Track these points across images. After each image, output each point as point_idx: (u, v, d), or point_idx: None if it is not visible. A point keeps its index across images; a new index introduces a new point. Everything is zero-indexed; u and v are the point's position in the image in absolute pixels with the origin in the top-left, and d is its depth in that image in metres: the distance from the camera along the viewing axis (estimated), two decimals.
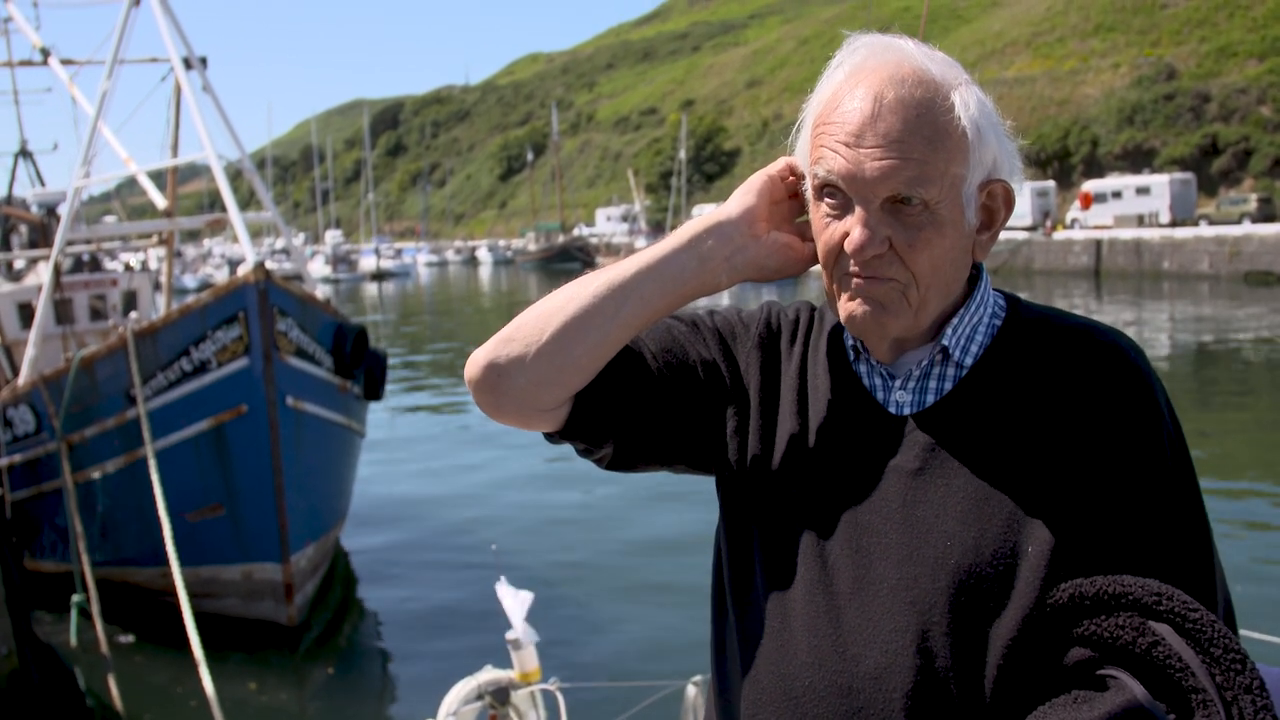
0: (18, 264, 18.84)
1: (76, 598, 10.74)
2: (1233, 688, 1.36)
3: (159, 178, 15.79)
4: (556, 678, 4.82)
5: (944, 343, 1.63)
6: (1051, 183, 63.69)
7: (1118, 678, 1.41)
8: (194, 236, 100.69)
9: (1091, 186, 58.64)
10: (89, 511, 11.45)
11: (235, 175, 12.71)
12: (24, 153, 23.76)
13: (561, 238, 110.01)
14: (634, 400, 1.74)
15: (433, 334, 44.57)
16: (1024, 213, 56.70)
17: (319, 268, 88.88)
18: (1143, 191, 55.23)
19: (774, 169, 1.74)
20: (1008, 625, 1.49)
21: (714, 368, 1.79)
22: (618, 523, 13.80)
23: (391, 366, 16.89)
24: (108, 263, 19.46)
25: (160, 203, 15.11)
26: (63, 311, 14.98)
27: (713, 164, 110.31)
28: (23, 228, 19.26)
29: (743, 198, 1.72)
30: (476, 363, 1.72)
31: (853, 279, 1.58)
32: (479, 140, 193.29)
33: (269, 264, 10.62)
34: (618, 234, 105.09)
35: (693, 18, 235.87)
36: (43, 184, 23.19)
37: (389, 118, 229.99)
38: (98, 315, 16.65)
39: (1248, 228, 47.51)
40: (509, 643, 4.75)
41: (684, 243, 1.70)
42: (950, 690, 1.49)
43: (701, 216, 1.72)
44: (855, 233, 1.54)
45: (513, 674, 4.82)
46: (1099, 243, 51.08)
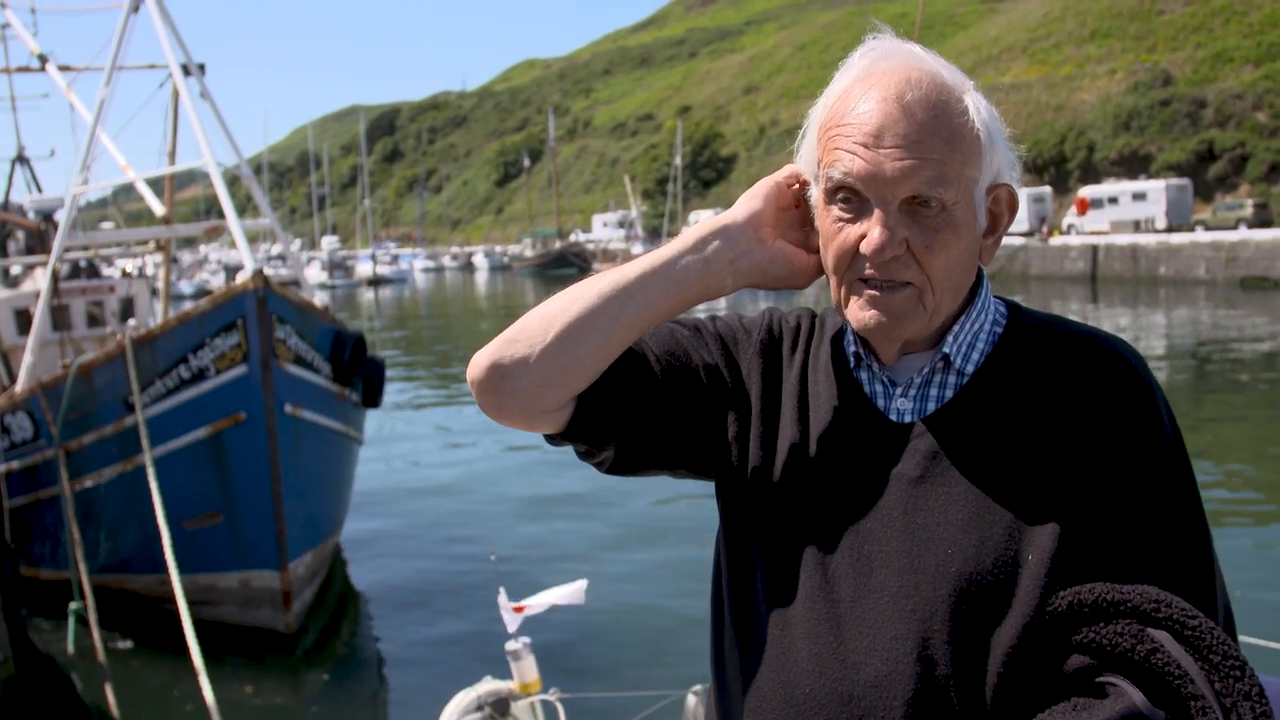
0: (14, 270, 18.83)
1: (74, 605, 10.71)
2: (1232, 694, 1.37)
3: (157, 184, 15.78)
4: (556, 688, 4.82)
5: (945, 350, 1.64)
6: (1048, 188, 63.77)
7: (1117, 685, 1.41)
8: (190, 242, 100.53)
9: (1088, 192, 58.65)
10: (86, 519, 11.42)
11: (232, 181, 12.70)
12: (21, 159, 23.77)
13: (558, 244, 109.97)
14: (637, 402, 1.73)
15: (430, 340, 44.54)
16: (1020, 218, 56.73)
17: (315, 274, 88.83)
18: (1139, 197, 55.28)
19: (780, 176, 1.74)
20: (1008, 633, 1.49)
21: (716, 372, 1.79)
22: (617, 529, 13.78)
23: (389, 375, 16.87)
24: (105, 269, 19.46)
25: (158, 209, 15.08)
26: (60, 318, 14.96)
27: (710, 170, 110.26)
28: (19, 234, 19.26)
29: (749, 203, 1.72)
30: (479, 364, 1.71)
31: (866, 285, 1.58)
32: (476, 146, 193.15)
33: (266, 270, 10.62)
34: (614, 240, 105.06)
35: (690, 24, 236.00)
36: (40, 190, 23.21)
37: (385, 124, 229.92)
38: (95, 322, 16.63)
39: (1244, 233, 47.52)
40: (509, 653, 4.75)
41: (689, 245, 1.69)
42: (951, 698, 1.49)
43: (707, 220, 1.72)
44: (874, 233, 1.54)
45: (512, 685, 4.82)
46: (1095, 248, 51.08)
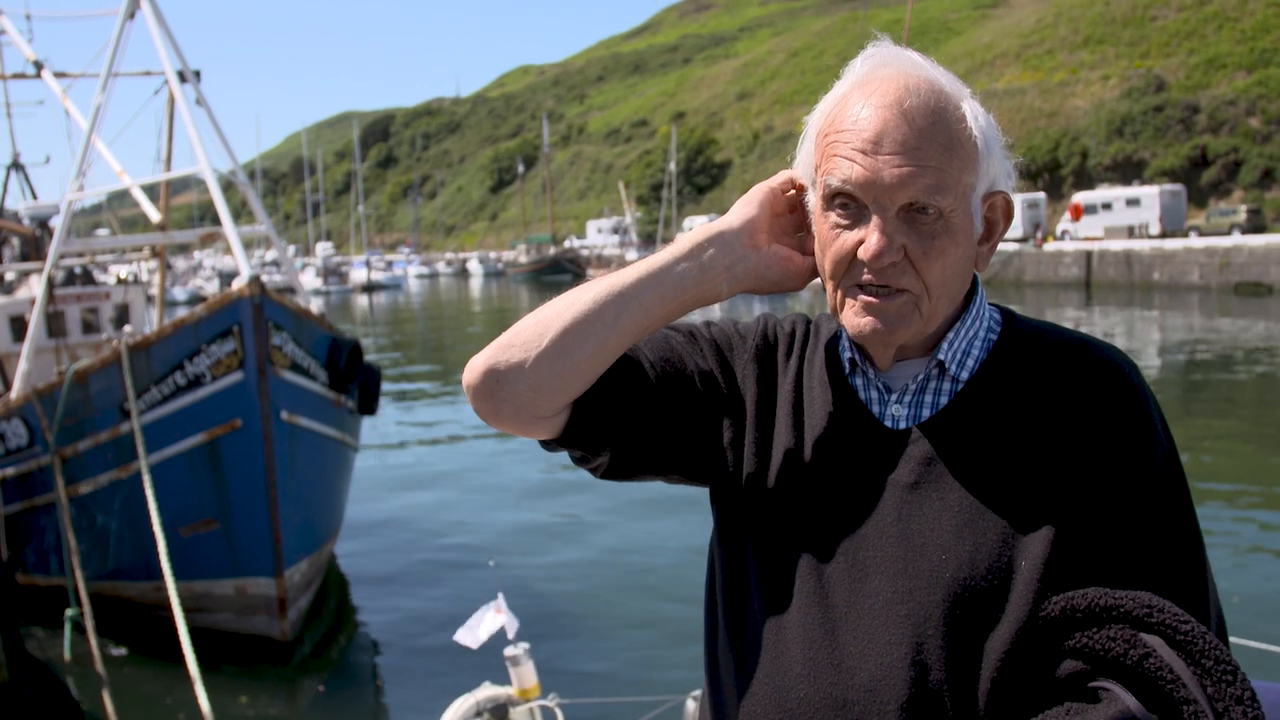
0: (9, 277, 18.80)
1: (70, 612, 10.68)
2: (1224, 699, 1.37)
3: (152, 191, 15.77)
4: (555, 694, 4.83)
5: (940, 357, 1.64)
6: (1042, 194, 63.78)
7: (1110, 690, 1.41)
8: (184, 249, 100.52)
9: (1082, 198, 58.73)
10: (82, 525, 11.41)
11: (227, 187, 12.69)
12: (16, 165, 23.78)
13: (552, 250, 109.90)
14: (632, 408, 1.73)
15: (424, 345, 44.49)
16: (1015, 224, 55.68)
17: (309, 280, 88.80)
18: (1133, 203, 55.36)
19: (775, 182, 1.74)
20: (1002, 638, 1.49)
21: (711, 378, 1.79)
22: (616, 536, 13.77)
23: (387, 384, 16.85)
24: (99, 275, 19.43)
25: (153, 215, 15.07)
26: (55, 325, 14.94)
27: (704, 176, 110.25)
28: (14, 240, 19.24)
29: (744, 209, 1.72)
30: (475, 369, 1.70)
31: (862, 291, 1.58)
32: (470, 152, 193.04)
33: (261, 277, 10.61)
34: (609, 246, 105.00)
35: (683, 30, 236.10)
36: (35, 197, 23.21)
37: (379, 130, 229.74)
38: (90, 328, 16.61)
39: (1237, 239, 47.63)
40: (507, 659, 4.76)
41: (685, 251, 1.69)
42: (945, 703, 1.49)
43: (703, 226, 1.72)
44: (872, 240, 1.54)
45: (511, 690, 4.82)
46: (1089, 254, 51.11)
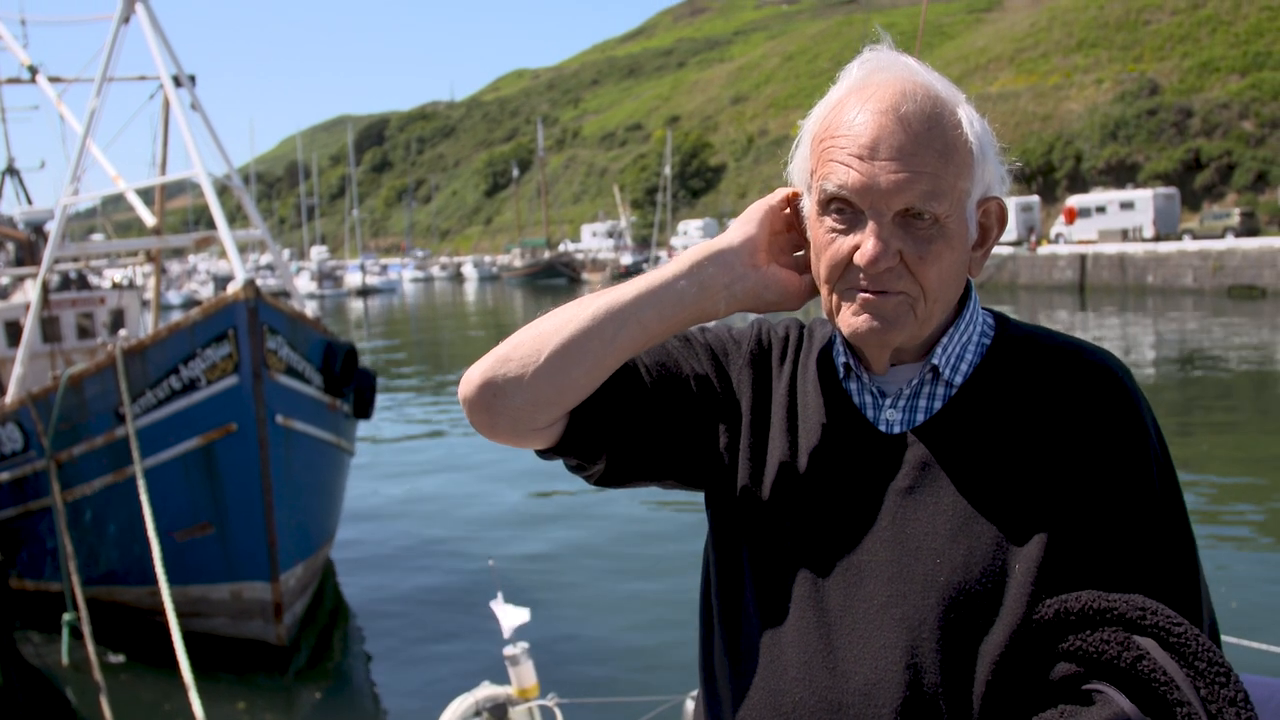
0: (3, 281, 18.77)
1: (67, 616, 10.65)
2: (1217, 700, 1.38)
3: (147, 195, 15.76)
4: (554, 693, 4.83)
5: (934, 361, 1.64)
6: (1036, 198, 63.85)
7: (1104, 692, 1.42)
8: (178, 252, 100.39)
9: (1075, 201, 58.81)
10: (77, 530, 11.39)
11: (221, 191, 12.68)
12: (11, 170, 23.74)
13: (547, 254, 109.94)
14: (628, 415, 1.73)
15: (419, 349, 44.46)
16: (1009, 228, 56.27)
17: (304, 284, 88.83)
18: (1127, 206, 55.46)
19: (773, 200, 1.74)
20: (996, 642, 1.50)
21: (706, 382, 1.79)
22: (616, 536, 13.77)
23: (381, 388, 16.85)
24: (94, 280, 19.40)
25: (148, 220, 15.06)
26: (50, 330, 14.93)
27: (698, 180, 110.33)
28: (9, 245, 19.22)
29: (743, 227, 1.72)
30: (471, 382, 1.69)
31: (859, 293, 1.58)
32: (464, 156, 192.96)
33: (256, 280, 10.61)
34: (603, 250, 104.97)
35: (678, 34, 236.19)
36: (29, 201, 23.18)
37: (374, 134, 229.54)
38: (85, 333, 16.58)
39: (1231, 242, 47.73)
40: (506, 658, 4.76)
41: (684, 269, 1.69)
42: (939, 706, 1.50)
43: (703, 244, 1.71)
44: (868, 245, 1.54)
45: (510, 690, 4.82)
46: (1083, 257, 51.18)
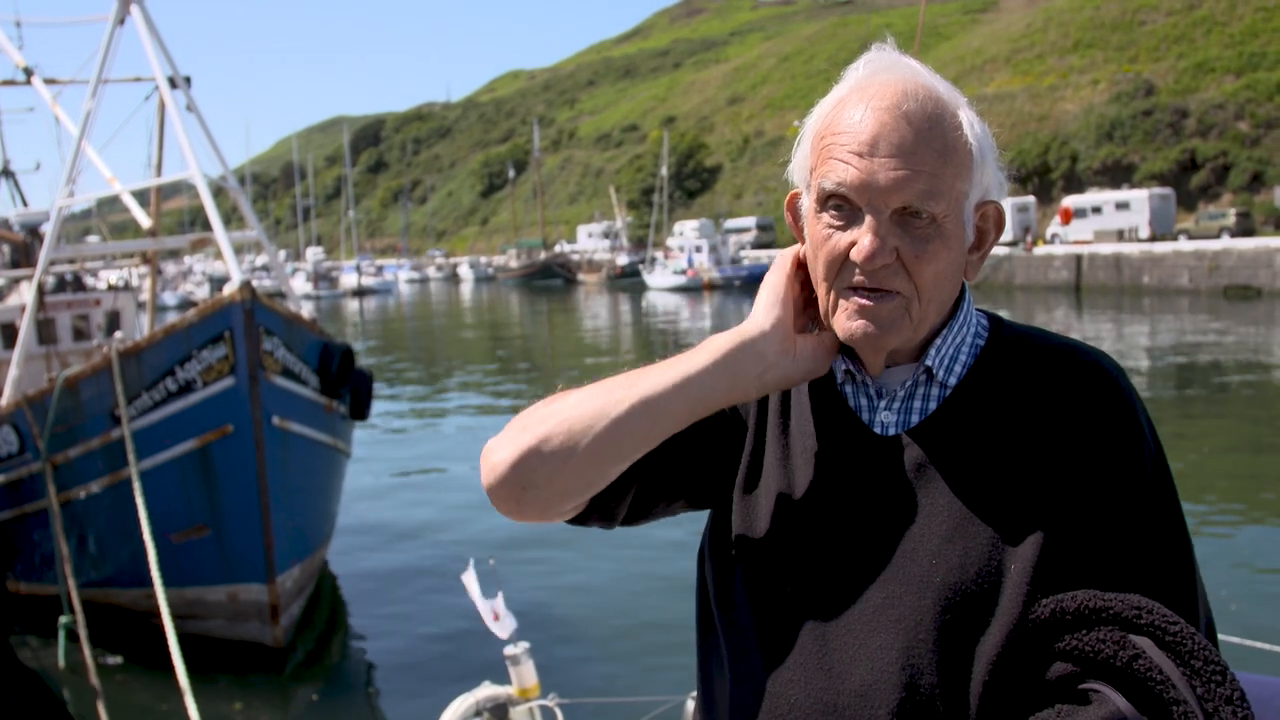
0: None
1: (64, 619, 10.64)
2: (1214, 699, 1.38)
3: (142, 196, 15.74)
4: (555, 693, 4.83)
5: (928, 363, 1.65)
6: (1032, 198, 64.02)
7: (1100, 691, 1.42)
8: (174, 254, 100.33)
9: (1071, 202, 58.92)
10: (73, 532, 11.38)
11: (217, 192, 12.67)
12: (6, 172, 23.68)
13: (543, 254, 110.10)
14: (650, 474, 1.75)
15: (415, 350, 44.46)
16: (1005, 228, 56.84)
17: (300, 285, 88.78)
18: (1122, 207, 55.58)
19: (788, 266, 1.73)
20: (992, 642, 1.50)
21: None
22: (616, 536, 13.75)
23: (378, 389, 16.82)
24: (90, 281, 19.39)
25: (144, 221, 15.04)
26: (46, 331, 14.92)
27: (694, 180, 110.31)
28: (4, 247, 19.16)
29: (771, 310, 1.68)
30: (497, 471, 1.67)
31: (855, 294, 1.58)
32: (460, 157, 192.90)
33: (251, 282, 10.61)
34: (599, 251, 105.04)
35: (674, 35, 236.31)
36: (25, 203, 23.13)
37: (370, 135, 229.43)
38: (81, 335, 16.56)
39: (1226, 242, 47.85)
40: (507, 658, 4.76)
41: (717, 360, 1.65)
42: (936, 707, 1.50)
43: (733, 333, 1.69)
44: (865, 241, 1.54)
45: (511, 690, 4.82)
46: (1079, 258, 51.26)
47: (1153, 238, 53.74)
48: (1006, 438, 1.60)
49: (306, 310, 14.07)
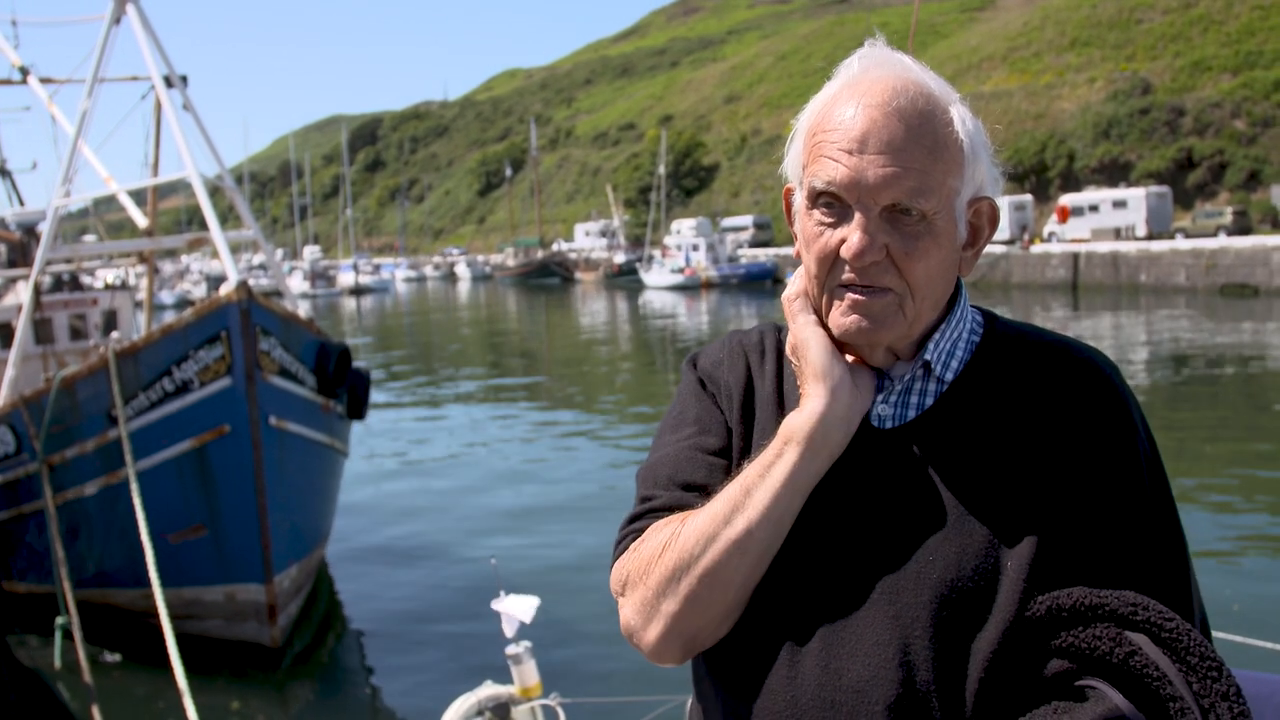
0: None
1: (60, 620, 10.64)
2: (1210, 695, 1.39)
3: (139, 195, 15.72)
4: (557, 693, 4.83)
5: (926, 357, 1.65)
6: (1029, 196, 63.96)
7: (1097, 688, 1.43)
8: (171, 253, 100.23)
9: (1068, 200, 58.92)
10: (70, 533, 11.37)
11: (214, 191, 12.65)
12: (2, 171, 23.61)
13: (540, 253, 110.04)
14: None
15: (412, 349, 44.43)
16: (1001, 226, 56.72)
17: (297, 284, 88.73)
18: (1119, 205, 55.57)
19: (813, 322, 1.69)
20: (989, 638, 1.50)
21: (725, 425, 1.79)
22: (612, 535, 13.73)
23: (375, 388, 16.81)
24: (86, 281, 19.36)
25: (141, 221, 15.02)
26: (43, 331, 14.91)
27: (692, 179, 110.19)
28: (1, 247, 19.16)
29: (839, 387, 1.64)
30: (660, 654, 1.67)
31: (848, 291, 1.59)
32: (457, 156, 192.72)
33: (248, 281, 10.60)
34: (596, 249, 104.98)
35: (671, 34, 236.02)
36: (21, 203, 23.08)
37: (367, 133, 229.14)
38: (78, 335, 16.54)
39: (1223, 240, 47.84)
40: (509, 658, 4.75)
41: (811, 448, 1.62)
42: (932, 703, 1.50)
43: (808, 414, 1.64)
44: (854, 238, 1.55)
45: (513, 689, 4.81)
46: (1076, 256, 51.28)
47: (1150, 236, 53.71)
48: (1002, 434, 1.60)
49: (303, 309, 14.07)
